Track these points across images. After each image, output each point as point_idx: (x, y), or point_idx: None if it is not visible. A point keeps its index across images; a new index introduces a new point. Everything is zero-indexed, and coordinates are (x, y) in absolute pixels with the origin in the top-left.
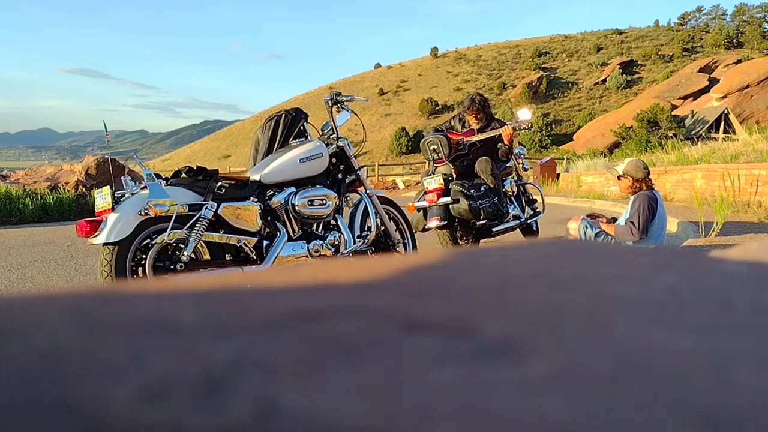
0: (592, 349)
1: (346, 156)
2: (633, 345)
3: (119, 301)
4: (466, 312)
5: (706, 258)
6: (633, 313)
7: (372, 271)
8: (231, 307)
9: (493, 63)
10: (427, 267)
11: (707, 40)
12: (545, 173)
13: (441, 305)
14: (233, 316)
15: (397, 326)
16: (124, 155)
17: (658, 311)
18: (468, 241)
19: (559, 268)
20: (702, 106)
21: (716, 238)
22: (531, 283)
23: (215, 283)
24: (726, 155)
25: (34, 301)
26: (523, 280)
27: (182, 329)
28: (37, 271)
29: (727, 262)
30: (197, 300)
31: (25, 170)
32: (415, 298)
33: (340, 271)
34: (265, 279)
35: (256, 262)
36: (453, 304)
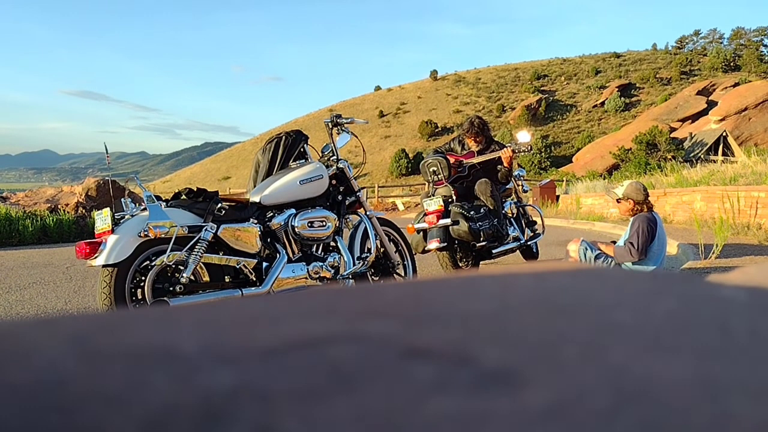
0: (591, 378)
1: (346, 177)
2: (631, 373)
3: (118, 327)
4: (464, 339)
5: (704, 283)
6: (631, 341)
7: (371, 297)
8: (231, 334)
9: (492, 86)
10: (425, 293)
11: (705, 63)
12: (545, 195)
13: (440, 332)
14: (233, 343)
15: (396, 354)
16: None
17: (656, 338)
18: (468, 262)
19: (558, 294)
20: (700, 128)
21: (716, 260)
22: (529, 310)
23: (215, 309)
24: (725, 177)
25: (33, 327)
26: (521, 306)
27: (182, 357)
28: (36, 292)
29: (726, 287)
30: (197, 326)
31: (25, 192)
32: (414, 325)
33: (340, 297)
34: (265, 305)
35: (255, 284)
36: (452, 331)
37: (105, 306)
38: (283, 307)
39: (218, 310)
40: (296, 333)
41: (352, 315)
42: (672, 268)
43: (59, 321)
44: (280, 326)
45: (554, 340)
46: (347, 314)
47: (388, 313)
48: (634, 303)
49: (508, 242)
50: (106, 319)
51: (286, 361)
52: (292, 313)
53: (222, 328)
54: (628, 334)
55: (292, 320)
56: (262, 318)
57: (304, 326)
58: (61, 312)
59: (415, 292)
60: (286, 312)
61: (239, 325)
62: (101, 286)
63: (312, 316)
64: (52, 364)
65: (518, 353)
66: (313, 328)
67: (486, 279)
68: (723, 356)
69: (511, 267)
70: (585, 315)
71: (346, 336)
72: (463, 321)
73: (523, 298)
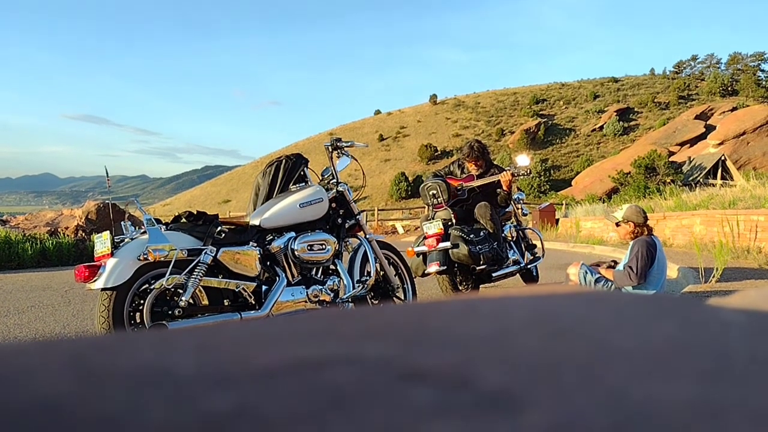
0: (590, 401)
1: (345, 201)
2: (631, 397)
3: (117, 349)
4: (463, 362)
5: (704, 306)
6: (631, 364)
7: (370, 319)
8: (229, 356)
9: (491, 110)
10: (424, 315)
11: (702, 88)
12: (544, 218)
13: (439, 355)
14: (231, 366)
15: (394, 376)
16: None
17: (655, 362)
18: (468, 286)
19: (557, 317)
20: (699, 152)
21: (717, 284)
22: (529, 333)
23: (213, 332)
24: (724, 201)
25: (31, 348)
26: (521, 329)
27: (180, 379)
28: (34, 316)
29: (726, 310)
30: (195, 348)
31: (25, 215)
32: (413, 347)
33: (338, 319)
34: (263, 327)
35: (254, 307)
36: (450, 353)
37: (103, 330)
38: (281, 330)
39: (216, 333)
40: (294, 355)
41: (351, 337)
42: (672, 291)
43: (57, 343)
44: (278, 349)
45: (553, 363)
46: (345, 336)
47: (386, 335)
48: (634, 326)
49: (508, 266)
50: (105, 341)
51: (285, 383)
52: (290, 336)
53: (220, 351)
54: (627, 357)
55: (290, 343)
56: (260, 340)
57: (302, 349)
58: (58, 335)
59: (414, 314)
60: (284, 334)
61: (237, 348)
62: (100, 310)
63: (310, 339)
64: (49, 385)
65: (517, 376)
66: (311, 350)
67: (485, 302)
68: (723, 380)
69: (511, 290)
70: (584, 338)
71: (344, 358)
72: (462, 343)
73: (522, 321)
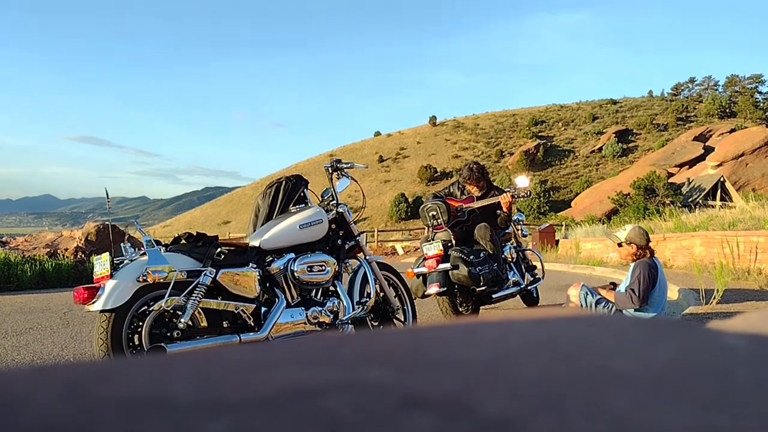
0: (593, 429)
1: (345, 222)
2: (632, 423)
3: (114, 376)
4: (463, 389)
5: (705, 330)
6: (633, 390)
7: (369, 344)
8: (226, 383)
9: (490, 131)
10: (423, 340)
11: (701, 110)
12: (544, 239)
13: (439, 380)
14: (228, 392)
15: (393, 403)
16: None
17: (657, 387)
18: (468, 307)
19: (558, 342)
20: (698, 173)
21: (717, 305)
22: (529, 358)
23: (211, 357)
24: (724, 222)
25: (27, 375)
26: (521, 353)
27: (178, 406)
28: (33, 338)
29: (728, 334)
30: (192, 375)
31: (25, 236)
32: (412, 373)
33: (337, 343)
34: (262, 352)
35: (253, 329)
36: (451, 379)
37: (101, 352)
38: (280, 355)
39: (214, 358)
40: (293, 381)
41: (350, 362)
42: (673, 313)
43: (54, 369)
44: (277, 374)
45: (555, 388)
46: (345, 361)
47: (385, 361)
48: (635, 350)
49: (508, 287)
50: (102, 367)
51: (283, 411)
52: (288, 361)
53: (218, 377)
54: (629, 383)
55: (288, 368)
56: (258, 366)
57: (301, 374)
58: (57, 357)
59: (414, 338)
60: (282, 359)
61: (235, 373)
62: (98, 332)
63: (308, 364)
64: (46, 413)
65: (519, 404)
66: (310, 376)
67: (484, 326)
68: (726, 406)
69: (511, 313)
70: (586, 363)
71: (343, 384)
72: (462, 369)
73: (522, 345)
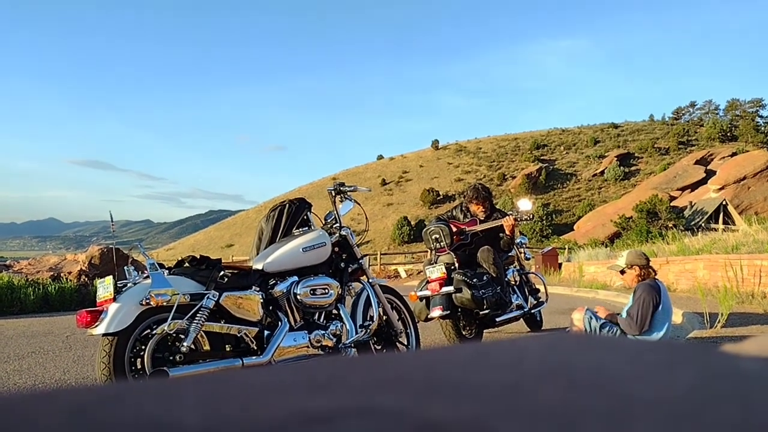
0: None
1: (348, 245)
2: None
3: (118, 401)
4: (480, 414)
5: (720, 354)
6: (652, 416)
7: (381, 369)
8: (234, 408)
9: (492, 155)
10: (434, 363)
11: (702, 134)
12: (547, 263)
13: (454, 407)
14: (236, 419)
15: (408, 429)
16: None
17: (677, 413)
18: (471, 331)
19: (573, 366)
20: (700, 197)
21: (722, 329)
22: (545, 383)
23: (218, 381)
24: (727, 246)
25: (31, 399)
26: (537, 378)
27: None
28: (35, 362)
29: (743, 358)
30: (199, 400)
31: (28, 260)
32: (426, 398)
33: (347, 367)
34: (270, 376)
35: (256, 352)
36: (466, 404)
37: (104, 376)
38: (288, 380)
39: (221, 383)
40: (303, 408)
41: (361, 387)
42: (677, 337)
43: (58, 393)
44: (286, 400)
45: (574, 415)
46: (356, 386)
47: (397, 385)
48: (652, 376)
49: (512, 310)
50: (106, 391)
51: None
52: (296, 386)
53: (225, 401)
54: (649, 408)
55: (297, 393)
56: (267, 391)
57: (310, 400)
58: (59, 381)
59: (425, 362)
60: (290, 384)
61: (243, 399)
62: (100, 356)
63: (318, 389)
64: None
65: (535, 428)
66: (320, 402)
67: (498, 349)
68: (746, 430)
69: (521, 337)
70: (604, 389)
71: (357, 410)
72: (478, 394)
73: (538, 370)
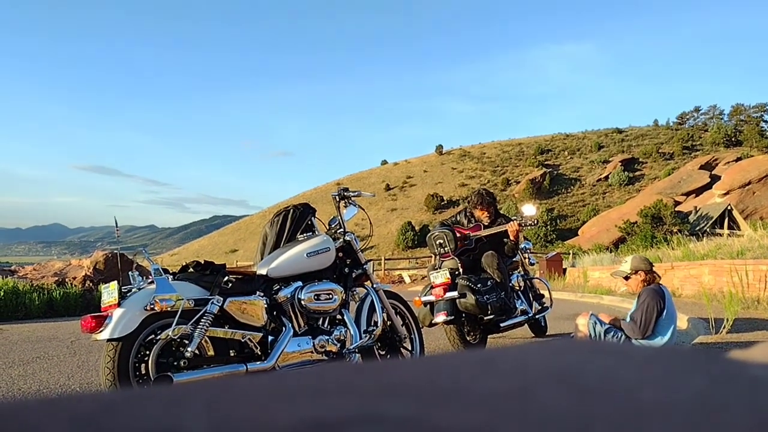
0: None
1: (352, 250)
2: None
3: (124, 408)
4: (489, 422)
5: (729, 361)
6: (663, 423)
7: (387, 375)
8: (241, 416)
9: (496, 160)
10: (441, 370)
11: (706, 139)
12: (551, 268)
13: (462, 413)
14: (243, 426)
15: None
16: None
17: (688, 421)
18: (475, 336)
19: (581, 373)
20: (705, 202)
21: (728, 335)
22: (553, 389)
23: (225, 388)
24: (732, 251)
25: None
26: (544, 385)
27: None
28: (39, 367)
29: (753, 365)
30: (205, 407)
31: (33, 265)
32: (435, 406)
33: (353, 373)
34: (277, 382)
35: (260, 358)
36: (475, 411)
37: (108, 381)
38: (295, 385)
39: (228, 390)
40: (312, 414)
41: (368, 393)
42: (683, 342)
43: (62, 400)
44: (294, 406)
45: (584, 422)
46: (363, 393)
47: (404, 392)
48: (662, 382)
49: (516, 315)
50: (111, 399)
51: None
52: (304, 392)
53: (232, 409)
54: (659, 415)
55: (305, 399)
56: (275, 397)
57: (318, 407)
58: (63, 387)
59: (431, 368)
60: (297, 390)
61: (252, 406)
62: (105, 361)
63: (326, 396)
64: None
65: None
66: (329, 408)
67: (503, 355)
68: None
69: (527, 343)
70: (612, 395)
71: (365, 418)
72: (485, 401)
73: (544, 376)
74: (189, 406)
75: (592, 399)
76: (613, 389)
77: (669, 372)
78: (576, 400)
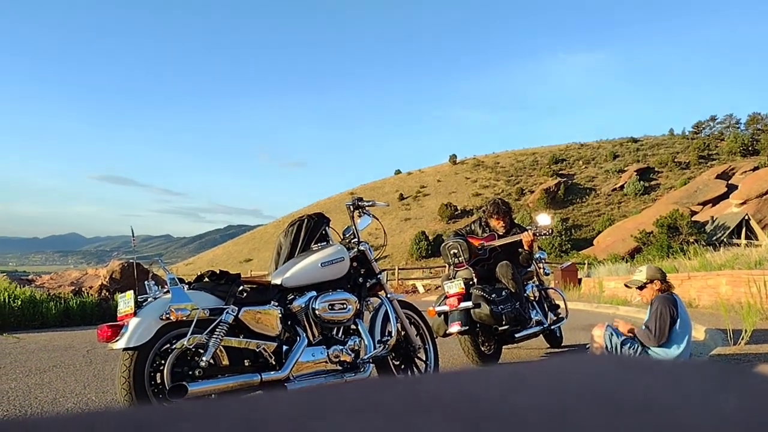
0: None
1: (366, 260)
2: None
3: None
4: None
5: (760, 377)
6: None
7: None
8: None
9: (510, 169)
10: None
11: (722, 148)
12: (567, 278)
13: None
14: None
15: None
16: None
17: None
18: (490, 347)
19: (619, 390)
20: (722, 212)
21: (746, 346)
22: (593, 409)
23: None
24: (750, 261)
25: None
26: (581, 403)
27: None
28: (56, 376)
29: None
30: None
31: (50, 275)
32: (471, 424)
33: (380, 392)
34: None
35: (275, 367)
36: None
37: (124, 390)
38: (326, 402)
39: (260, 406)
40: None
41: (398, 412)
42: (700, 354)
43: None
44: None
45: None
46: (391, 410)
47: (435, 409)
48: (700, 401)
49: (531, 326)
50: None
51: None
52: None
53: (267, 427)
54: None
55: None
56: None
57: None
58: (79, 396)
59: (460, 384)
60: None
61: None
62: (120, 370)
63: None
64: None
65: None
66: (358, 428)
67: (536, 370)
68: None
69: (553, 358)
70: (653, 416)
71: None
72: (522, 420)
73: (579, 394)
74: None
75: (631, 419)
76: (652, 409)
77: (706, 390)
78: (614, 419)
